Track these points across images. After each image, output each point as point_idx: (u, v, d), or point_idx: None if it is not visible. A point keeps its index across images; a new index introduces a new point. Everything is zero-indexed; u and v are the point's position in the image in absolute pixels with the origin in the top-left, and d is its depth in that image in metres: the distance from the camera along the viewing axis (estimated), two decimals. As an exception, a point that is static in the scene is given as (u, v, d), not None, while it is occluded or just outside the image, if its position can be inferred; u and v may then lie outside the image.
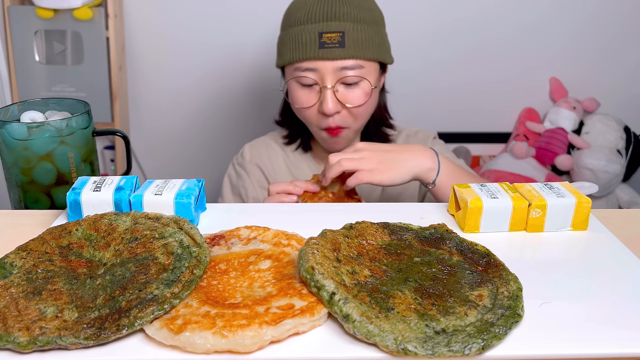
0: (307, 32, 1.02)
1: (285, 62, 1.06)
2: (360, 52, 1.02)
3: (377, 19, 1.07)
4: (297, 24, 1.04)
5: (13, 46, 1.72)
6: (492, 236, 0.64)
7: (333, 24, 1.01)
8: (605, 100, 1.95)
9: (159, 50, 1.85)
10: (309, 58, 1.02)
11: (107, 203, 0.65)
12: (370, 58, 1.03)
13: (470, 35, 1.86)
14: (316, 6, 1.03)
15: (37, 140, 0.74)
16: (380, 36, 1.06)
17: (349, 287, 0.49)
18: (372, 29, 1.04)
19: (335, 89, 1.02)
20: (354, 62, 1.01)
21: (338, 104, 1.03)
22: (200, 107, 1.92)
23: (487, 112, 1.97)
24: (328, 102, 1.01)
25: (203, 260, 0.54)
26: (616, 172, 1.83)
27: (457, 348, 0.45)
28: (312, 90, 1.04)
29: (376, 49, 1.04)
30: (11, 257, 0.55)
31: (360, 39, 1.02)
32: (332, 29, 1.01)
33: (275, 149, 1.20)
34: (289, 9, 1.09)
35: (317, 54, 1.01)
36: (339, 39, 1.00)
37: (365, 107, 1.05)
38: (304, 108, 1.06)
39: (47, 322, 0.47)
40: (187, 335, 0.45)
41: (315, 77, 1.03)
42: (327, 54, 1.01)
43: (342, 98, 1.03)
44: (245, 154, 1.20)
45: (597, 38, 1.90)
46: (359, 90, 1.03)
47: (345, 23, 1.02)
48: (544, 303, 0.52)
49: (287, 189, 0.90)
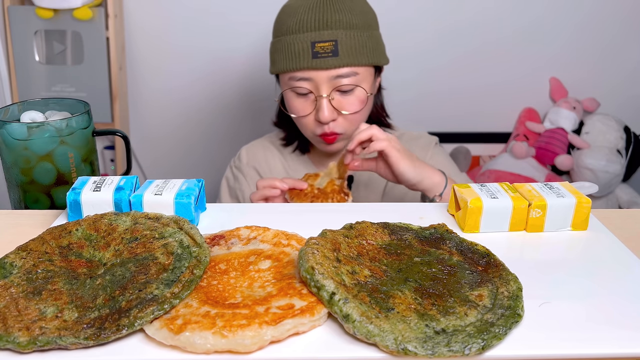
0: (299, 42, 1.01)
1: (278, 70, 1.06)
2: (354, 59, 1.01)
3: (370, 22, 1.06)
4: (289, 33, 1.03)
5: (13, 46, 1.72)
6: (492, 236, 0.64)
7: (325, 33, 1.00)
8: (605, 100, 1.95)
9: (159, 50, 1.85)
10: (302, 68, 1.01)
11: (107, 203, 0.65)
12: (364, 64, 1.02)
13: (470, 36, 1.86)
14: (308, 14, 1.02)
15: (37, 140, 0.74)
16: (374, 39, 1.05)
17: (349, 287, 0.49)
18: (365, 33, 1.03)
19: (330, 97, 1.02)
20: (348, 69, 1.01)
21: (334, 112, 1.02)
22: (201, 107, 1.92)
23: (487, 112, 1.97)
24: (324, 110, 1.01)
25: (203, 260, 0.54)
26: (616, 172, 1.83)
27: (457, 348, 0.45)
28: (308, 99, 1.04)
29: (370, 53, 1.03)
30: (11, 257, 0.55)
31: (354, 46, 1.01)
32: (325, 38, 1.00)
33: (273, 151, 1.20)
34: (280, 16, 1.08)
35: (311, 64, 1.00)
36: (332, 48, 1.00)
37: (361, 114, 1.05)
38: (300, 117, 1.06)
39: (47, 322, 0.47)
40: (187, 335, 0.45)
41: (309, 87, 1.02)
42: (320, 64, 1.00)
43: (337, 105, 1.03)
44: (242, 156, 1.20)
45: (597, 38, 1.90)
46: (354, 97, 1.03)
47: (337, 31, 1.01)
48: (544, 303, 0.52)
49: (273, 184, 0.91)
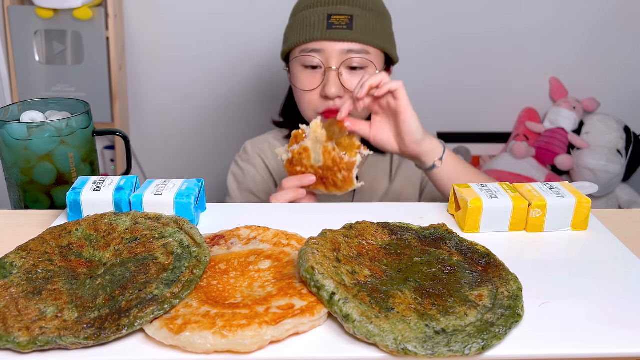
0: (315, 15, 1.03)
1: (291, 45, 1.05)
2: (367, 37, 1.02)
3: (385, 14, 1.08)
4: (306, 8, 1.05)
5: (13, 46, 1.72)
6: (492, 236, 0.64)
7: (342, 8, 1.02)
8: (605, 100, 1.95)
9: (159, 50, 1.85)
10: (316, 38, 1.01)
11: (107, 203, 0.64)
12: (377, 45, 1.03)
13: (471, 36, 1.86)
14: None
15: (37, 140, 0.74)
16: (387, 30, 1.07)
17: (349, 287, 0.49)
18: (380, 20, 1.05)
19: (339, 72, 1.01)
20: (360, 46, 1.01)
21: (341, 88, 1.01)
22: (201, 107, 1.92)
23: (487, 112, 1.97)
24: (331, 84, 1.00)
25: (203, 260, 0.53)
26: (616, 172, 1.83)
27: (457, 348, 0.45)
28: (316, 73, 1.03)
29: (383, 39, 1.04)
30: (11, 257, 0.55)
31: (368, 25, 1.02)
32: (341, 12, 1.02)
33: (276, 145, 1.20)
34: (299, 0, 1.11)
35: (325, 35, 1.01)
36: (348, 22, 1.01)
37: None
38: (306, 91, 1.04)
39: (47, 322, 0.47)
40: (187, 335, 0.45)
41: (320, 58, 1.02)
42: (334, 35, 1.00)
43: (346, 83, 1.02)
44: (248, 149, 1.20)
45: (597, 38, 1.90)
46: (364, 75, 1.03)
47: (354, 8, 1.02)
48: (544, 303, 0.52)
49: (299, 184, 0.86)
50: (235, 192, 1.18)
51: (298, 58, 1.04)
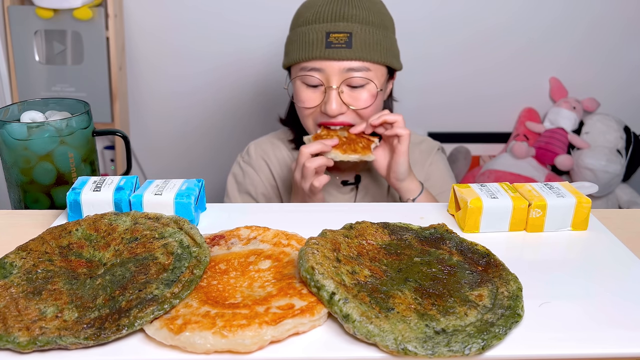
0: (314, 32, 1.02)
1: (291, 61, 1.06)
2: (367, 54, 1.01)
3: (386, 23, 1.07)
4: (305, 24, 1.04)
5: (13, 46, 1.72)
6: (492, 236, 0.64)
7: (341, 25, 1.01)
8: (605, 100, 1.95)
9: (159, 50, 1.85)
10: (315, 58, 1.01)
11: (107, 203, 0.65)
12: (377, 61, 1.03)
13: (471, 36, 1.86)
14: (325, 7, 1.03)
15: (37, 140, 0.74)
16: (389, 41, 1.06)
17: (349, 287, 0.49)
18: (381, 32, 1.04)
19: (340, 90, 1.02)
20: (360, 63, 1.01)
21: (342, 106, 1.02)
22: (200, 107, 1.92)
23: (487, 112, 1.97)
24: (332, 102, 1.01)
25: (203, 260, 0.54)
26: (616, 172, 1.83)
27: (457, 348, 0.45)
28: (317, 91, 1.04)
29: (384, 52, 1.04)
30: (11, 257, 0.55)
31: (368, 41, 1.02)
32: (340, 29, 1.01)
33: (280, 146, 1.20)
34: (298, 10, 1.10)
35: (324, 54, 1.01)
36: (346, 40, 1.00)
37: (370, 110, 1.04)
38: (307, 108, 1.05)
39: (47, 322, 0.47)
40: (187, 335, 0.45)
41: (320, 77, 1.02)
42: (333, 54, 1.00)
43: (347, 100, 1.02)
44: (252, 151, 1.20)
45: (597, 38, 1.90)
46: (365, 93, 1.03)
47: (353, 24, 1.01)
48: (544, 303, 0.52)
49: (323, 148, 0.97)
50: (234, 193, 1.18)
51: (299, 74, 1.05)
